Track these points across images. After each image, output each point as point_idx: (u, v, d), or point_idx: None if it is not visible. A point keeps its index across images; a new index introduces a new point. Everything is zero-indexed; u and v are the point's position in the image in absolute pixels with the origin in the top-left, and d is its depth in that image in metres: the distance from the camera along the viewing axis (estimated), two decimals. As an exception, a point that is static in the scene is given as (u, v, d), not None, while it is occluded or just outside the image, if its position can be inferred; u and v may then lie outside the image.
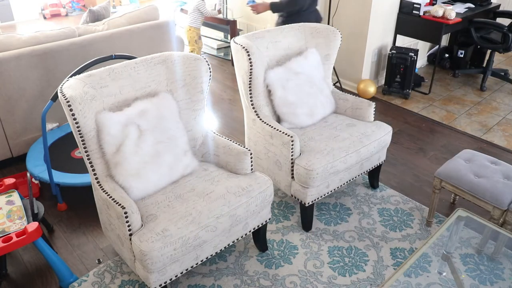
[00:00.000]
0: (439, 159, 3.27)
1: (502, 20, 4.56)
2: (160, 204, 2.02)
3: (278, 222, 2.63)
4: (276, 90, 2.59)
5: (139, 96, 2.16)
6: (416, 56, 3.99)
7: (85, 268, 2.33)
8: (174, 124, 2.19)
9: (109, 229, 2.13)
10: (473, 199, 2.31)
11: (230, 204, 2.03)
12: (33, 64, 3.00)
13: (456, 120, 3.86)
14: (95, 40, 3.26)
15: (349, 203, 2.79)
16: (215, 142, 2.35)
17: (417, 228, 2.58)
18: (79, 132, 1.93)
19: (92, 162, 2.02)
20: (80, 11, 7.64)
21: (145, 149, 2.05)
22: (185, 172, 2.21)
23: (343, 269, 2.30)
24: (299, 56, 2.70)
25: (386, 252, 2.41)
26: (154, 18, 3.65)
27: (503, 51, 4.20)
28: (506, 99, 4.25)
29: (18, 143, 3.13)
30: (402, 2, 4.13)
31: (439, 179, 2.43)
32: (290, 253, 2.41)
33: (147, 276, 1.88)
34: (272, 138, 2.48)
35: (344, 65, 4.34)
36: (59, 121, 3.28)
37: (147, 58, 2.21)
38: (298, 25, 2.80)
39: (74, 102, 1.88)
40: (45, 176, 2.64)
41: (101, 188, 2.01)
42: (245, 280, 2.24)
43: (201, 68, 2.27)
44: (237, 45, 2.50)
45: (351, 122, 2.71)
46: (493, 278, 2.19)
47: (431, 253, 2.24)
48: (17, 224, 2.06)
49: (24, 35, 3.04)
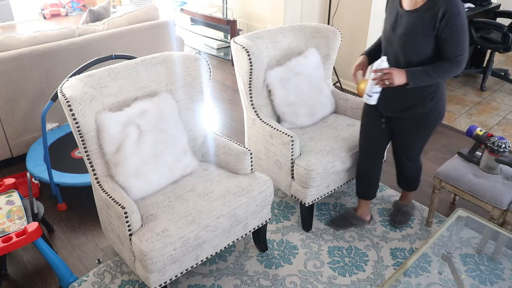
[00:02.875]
0: (439, 159, 3.27)
1: (502, 20, 4.56)
2: (160, 204, 2.02)
3: (278, 222, 2.63)
4: (276, 90, 2.59)
5: (139, 96, 2.16)
6: (416, 56, 3.98)
7: (85, 268, 2.33)
8: (174, 124, 2.19)
9: (109, 229, 2.13)
10: (473, 199, 2.30)
11: (230, 204, 2.03)
12: (33, 64, 3.00)
13: (456, 120, 3.86)
14: (95, 40, 3.25)
15: (349, 203, 2.79)
16: (215, 142, 2.35)
17: (417, 228, 2.58)
18: (79, 132, 1.93)
19: (92, 162, 2.02)
20: (80, 11, 7.64)
21: (145, 149, 2.05)
22: (185, 172, 2.20)
23: (343, 269, 2.30)
24: (299, 56, 2.70)
25: (386, 252, 2.41)
26: (154, 18, 3.65)
27: (503, 51, 4.20)
28: (506, 99, 4.25)
29: (18, 143, 3.13)
30: (402, 2, 4.12)
31: (438, 179, 2.43)
32: (290, 253, 2.41)
33: (147, 276, 1.87)
34: (272, 138, 2.47)
35: (344, 65, 4.34)
36: (59, 121, 3.28)
37: (147, 58, 2.21)
38: (298, 25, 2.80)
39: (74, 102, 1.88)
40: (45, 176, 2.64)
41: (101, 188, 2.01)
42: (245, 280, 2.24)
43: (201, 68, 2.27)
44: (237, 45, 2.50)
45: (351, 122, 2.71)
46: (493, 278, 2.19)
47: (431, 253, 2.24)
48: (17, 224, 2.06)
49: (24, 35, 3.04)
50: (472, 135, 2.40)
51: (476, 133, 2.39)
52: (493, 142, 2.24)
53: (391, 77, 1.98)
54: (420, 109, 2.15)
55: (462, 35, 1.92)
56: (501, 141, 2.23)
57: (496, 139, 2.25)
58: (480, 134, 2.37)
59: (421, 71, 1.98)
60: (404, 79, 1.98)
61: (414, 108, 2.15)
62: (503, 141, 2.23)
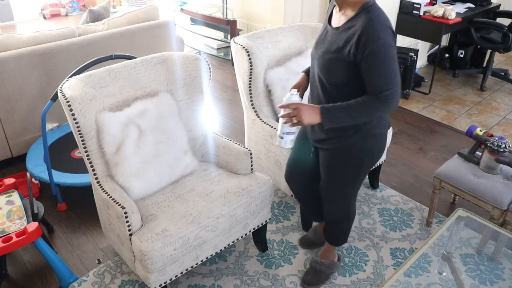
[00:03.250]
0: (439, 159, 3.27)
1: (502, 20, 4.56)
2: (160, 204, 2.02)
3: (278, 222, 2.63)
4: (276, 90, 2.59)
5: (139, 96, 2.16)
6: (416, 56, 3.99)
7: (85, 268, 2.33)
8: (174, 124, 2.19)
9: (109, 229, 2.13)
10: (473, 199, 2.30)
11: (230, 204, 2.03)
12: (33, 64, 2.99)
13: (456, 120, 3.86)
14: (95, 40, 3.25)
15: (349, 203, 2.78)
16: (215, 142, 2.35)
17: (417, 228, 2.58)
18: (79, 132, 1.93)
19: (92, 162, 2.02)
20: (80, 11, 7.64)
21: (145, 149, 2.05)
22: (185, 172, 2.20)
23: (343, 269, 2.30)
24: (299, 56, 2.70)
25: (386, 252, 2.41)
26: (154, 18, 3.65)
27: (503, 51, 4.20)
28: (506, 99, 4.25)
29: (18, 143, 3.13)
30: (402, 2, 4.13)
31: (438, 179, 2.43)
32: (290, 253, 2.41)
33: (147, 276, 1.87)
34: (272, 138, 2.47)
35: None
36: (59, 121, 3.28)
37: (147, 58, 2.21)
38: (298, 25, 2.80)
39: (74, 102, 1.88)
40: (45, 176, 2.64)
41: (101, 188, 2.01)
42: (245, 280, 2.24)
43: (201, 68, 2.27)
44: (237, 45, 2.50)
45: (351, 122, 2.71)
46: (493, 278, 2.19)
47: (431, 253, 2.24)
48: (17, 224, 2.06)
49: (24, 35, 3.04)
50: (472, 135, 2.40)
51: (476, 133, 2.38)
52: (493, 142, 2.24)
53: (299, 114, 1.60)
54: (341, 142, 1.77)
55: (385, 67, 1.54)
56: (501, 141, 2.23)
57: (496, 139, 2.25)
58: (480, 134, 2.37)
59: (339, 108, 1.61)
60: (317, 117, 1.61)
61: (333, 141, 1.79)
62: (503, 141, 2.23)
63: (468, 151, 2.47)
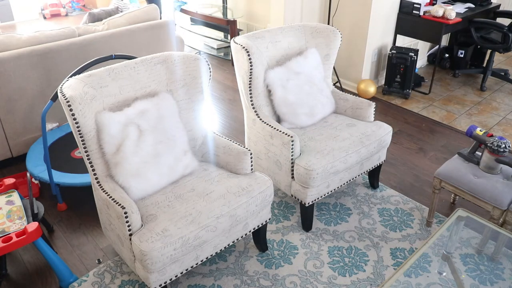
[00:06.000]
0: (439, 159, 3.27)
1: (502, 20, 4.56)
2: (160, 204, 2.02)
3: (278, 222, 2.63)
4: (276, 90, 2.59)
5: (139, 96, 2.16)
6: (416, 56, 3.99)
7: (85, 268, 2.33)
8: (174, 124, 2.19)
9: (109, 229, 2.13)
10: (473, 199, 2.30)
11: (230, 204, 2.03)
12: (33, 64, 3.00)
13: (456, 120, 3.86)
14: (95, 40, 3.26)
15: (349, 203, 2.79)
16: (215, 142, 2.35)
17: (417, 228, 2.58)
18: (79, 132, 1.93)
19: (92, 162, 2.02)
20: (80, 11, 7.64)
21: (145, 149, 2.05)
22: (185, 172, 2.20)
23: (343, 269, 2.30)
24: (299, 56, 2.70)
25: (386, 252, 2.41)
26: (154, 18, 3.65)
27: (503, 51, 4.20)
28: (506, 99, 4.25)
29: (18, 143, 3.13)
30: (402, 2, 4.13)
31: (438, 179, 2.43)
32: (290, 253, 2.41)
33: (147, 276, 1.87)
34: (272, 138, 2.47)
35: (344, 65, 4.34)
36: (59, 121, 3.28)
37: (147, 58, 2.21)
38: (298, 25, 2.80)
39: (74, 102, 1.88)
40: (45, 176, 2.64)
41: (101, 188, 2.01)
42: (245, 280, 2.24)
43: (201, 68, 2.27)
44: (237, 45, 2.50)
45: (351, 122, 2.71)
46: (493, 278, 2.19)
47: (431, 253, 2.24)
48: (17, 224, 2.06)
49: (24, 35, 3.04)
50: (472, 135, 2.40)
51: (476, 133, 2.38)
52: (493, 142, 2.24)
53: None
54: None
55: None
56: (501, 141, 2.23)
57: (496, 139, 2.25)
58: (480, 134, 2.37)
59: None
60: None
61: None
62: (503, 141, 2.23)
63: (468, 151, 2.47)
